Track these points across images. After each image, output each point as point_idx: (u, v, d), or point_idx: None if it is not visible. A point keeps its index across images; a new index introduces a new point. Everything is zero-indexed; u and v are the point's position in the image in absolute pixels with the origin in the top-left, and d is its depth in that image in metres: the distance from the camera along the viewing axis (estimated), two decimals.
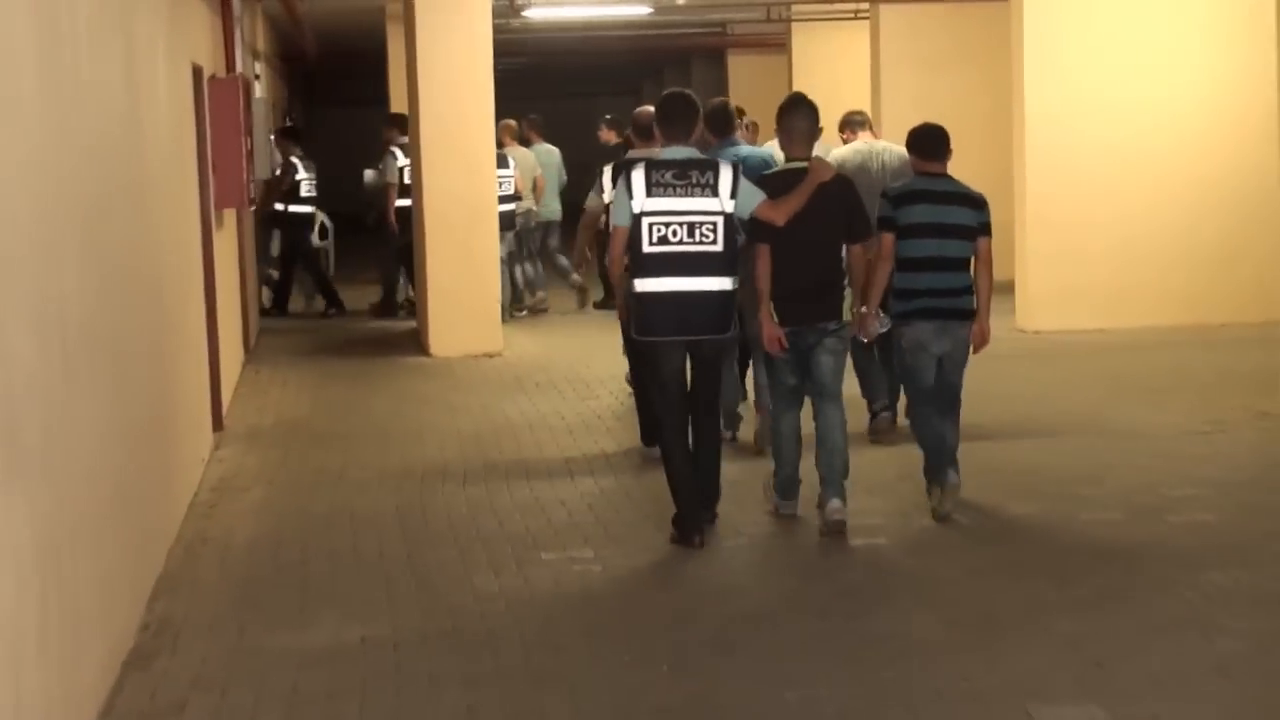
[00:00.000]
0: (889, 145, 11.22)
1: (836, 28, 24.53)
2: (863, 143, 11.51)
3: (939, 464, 8.77)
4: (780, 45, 27.20)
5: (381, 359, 15.44)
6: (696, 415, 8.48)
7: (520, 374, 14.22)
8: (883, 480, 9.59)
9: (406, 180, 18.30)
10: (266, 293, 19.84)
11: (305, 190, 19.85)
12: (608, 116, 19.64)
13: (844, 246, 8.56)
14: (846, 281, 8.58)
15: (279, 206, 19.28)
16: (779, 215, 8.32)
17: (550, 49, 29.74)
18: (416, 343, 16.27)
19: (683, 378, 8.49)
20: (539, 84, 36.74)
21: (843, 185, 8.64)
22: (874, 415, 10.78)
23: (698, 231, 8.18)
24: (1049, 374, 13.49)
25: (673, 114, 8.51)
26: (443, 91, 15.15)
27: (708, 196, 8.18)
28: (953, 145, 8.96)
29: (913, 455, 9.23)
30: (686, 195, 8.17)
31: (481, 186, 15.27)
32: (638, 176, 8.20)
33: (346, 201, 24.92)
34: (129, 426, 7.36)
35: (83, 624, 6.04)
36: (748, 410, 10.87)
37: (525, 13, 19.68)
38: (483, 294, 15.30)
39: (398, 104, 22.14)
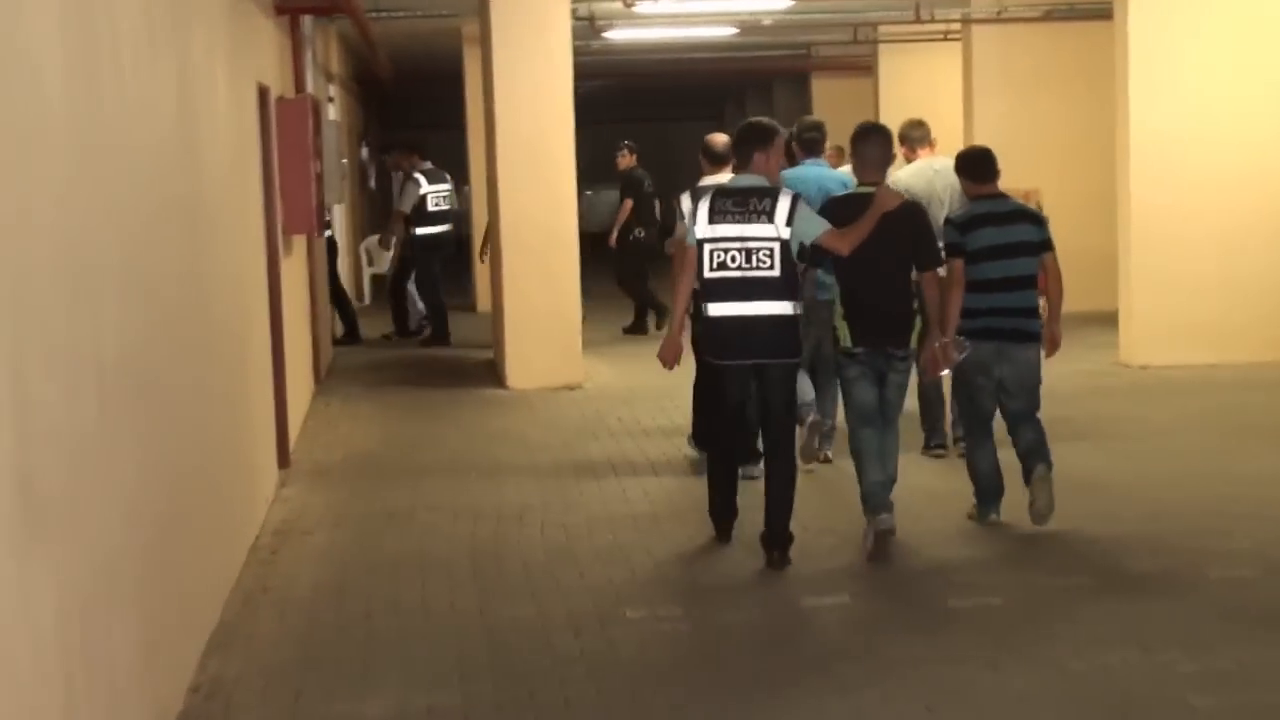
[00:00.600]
0: (950, 163, 10.32)
1: (925, 49, 23.86)
2: (924, 162, 11.13)
3: (989, 501, 9.03)
4: (865, 68, 26.55)
5: (457, 391, 14.85)
6: (768, 452, 8.66)
7: (602, 409, 13.59)
8: (989, 534, 8.94)
9: (432, 207, 17.94)
10: (413, 319, 19.26)
11: (432, 205, 18.81)
12: (626, 142, 19.65)
13: (913, 273, 8.66)
14: (916, 307, 8.68)
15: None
16: (844, 245, 8.41)
17: (629, 71, 29.21)
18: (494, 374, 15.69)
19: (743, 404, 8.69)
20: (617, 107, 36.23)
21: (910, 212, 8.69)
22: (929, 446, 10.94)
23: (754, 257, 8.35)
24: (1162, 414, 12.73)
25: (738, 143, 8.76)
26: (521, 114, 14.59)
27: (763, 223, 8.34)
28: (1049, 167, 8.64)
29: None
30: (744, 221, 8.37)
31: (562, 212, 14.67)
32: (703, 204, 8.49)
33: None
34: (177, 470, 6.77)
35: (120, 691, 5.45)
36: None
37: (605, 34, 19.12)
38: (563, 323, 14.69)
39: (475, 127, 21.63)
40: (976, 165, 9.09)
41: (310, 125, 12.22)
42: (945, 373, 9.01)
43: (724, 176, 9.72)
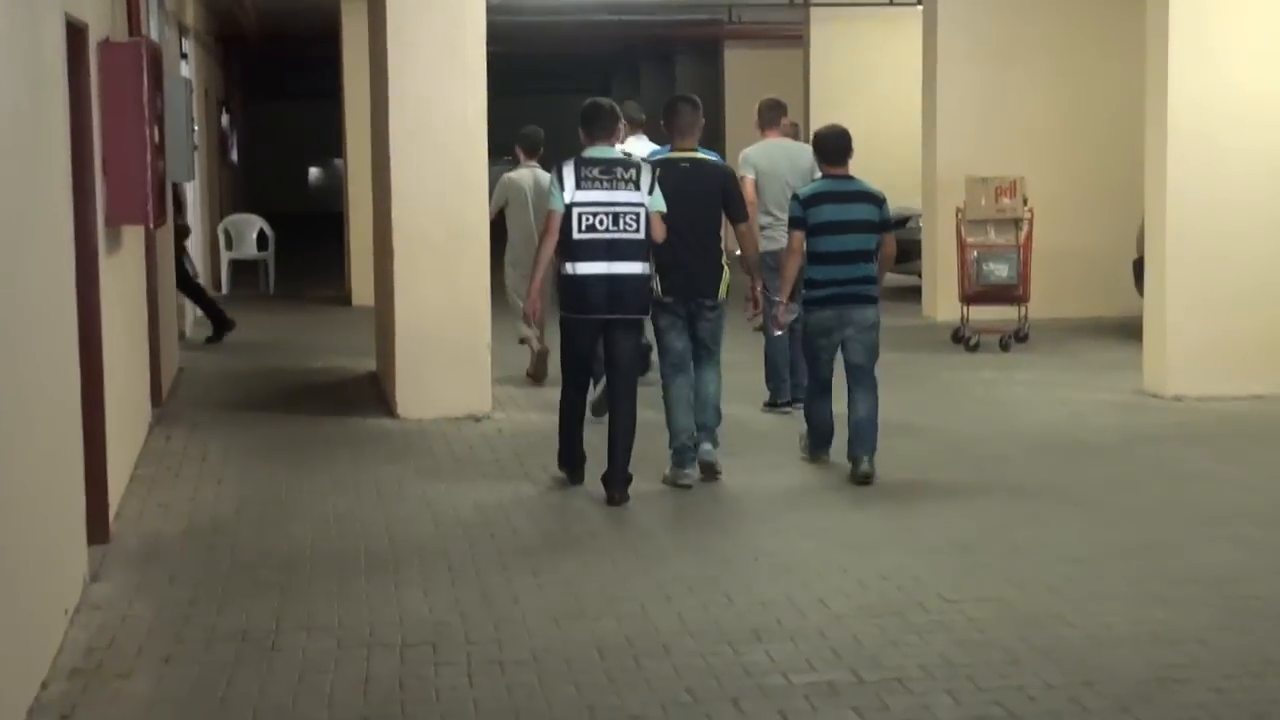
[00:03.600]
0: (794, 145, 12.32)
1: (859, 17, 21.18)
2: (771, 141, 12.16)
3: (822, 446, 10.12)
4: (789, 37, 23.83)
5: (333, 421, 11.82)
6: (613, 400, 9.39)
7: (520, 450, 10.67)
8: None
9: None
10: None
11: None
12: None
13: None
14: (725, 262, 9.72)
15: None
16: (660, 234, 9.26)
17: (514, 35, 26.12)
18: (378, 397, 12.69)
19: (592, 354, 9.48)
20: (499, 79, 33.09)
21: (721, 173, 9.89)
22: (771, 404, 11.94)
23: (621, 220, 9.11)
24: (1222, 461, 10.21)
25: (599, 119, 9.41)
26: (419, 73, 11.61)
27: (630, 190, 9.14)
28: (1027, 153, 10.19)
29: None
30: (611, 188, 9.12)
31: (470, 196, 11.70)
32: (568, 173, 9.13)
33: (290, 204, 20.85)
34: None
35: None
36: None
37: None
38: (468, 337, 11.73)
39: (352, 93, 18.61)
40: (828, 146, 10.02)
41: (146, 80, 9.15)
42: (779, 333, 10.73)
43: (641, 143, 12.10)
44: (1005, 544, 8.20)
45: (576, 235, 9.06)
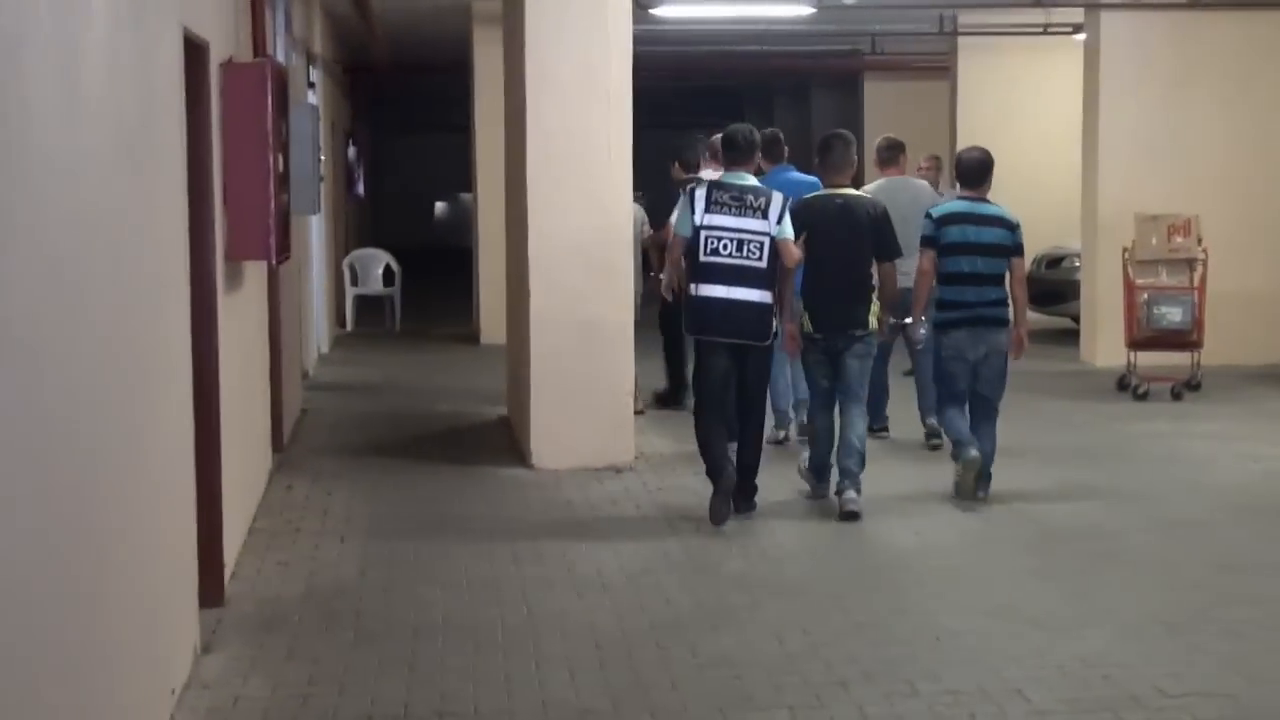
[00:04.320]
0: (913, 182, 12.48)
1: (1010, 47, 20.24)
2: (889, 179, 12.25)
3: (970, 461, 9.69)
4: (932, 69, 22.95)
5: (463, 471, 11.07)
6: (741, 421, 9.57)
7: (666, 501, 9.89)
8: None
9: None
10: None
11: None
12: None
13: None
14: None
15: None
16: (792, 260, 9.34)
17: (640, 67, 25.43)
18: (510, 444, 11.94)
19: (726, 376, 9.43)
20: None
21: (874, 211, 9.76)
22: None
23: (746, 247, 9.21)
24: None
25: (738, 145, 9.54)
26: (563, 103, 10.87)
27: (758, 219, 9.22)
28: (1204, 188, 11.08)
29: None
30: (739, 215, 9.22)
31: (615, 235, 10.94)
32: (699, 196, 9.30)
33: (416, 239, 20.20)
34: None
35: None
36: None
37: (654, 9, 15.40)
38: (609, 383, 10.96)
39: (485, 125, 18.02)
40: (967, 169, 10.03)
41: (271, 103, 8.48)
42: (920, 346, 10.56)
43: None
44: (1220, 626, 7.28)
45: (702, 258, 9.26)
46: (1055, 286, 18.41)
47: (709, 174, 11.35)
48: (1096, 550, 8.74)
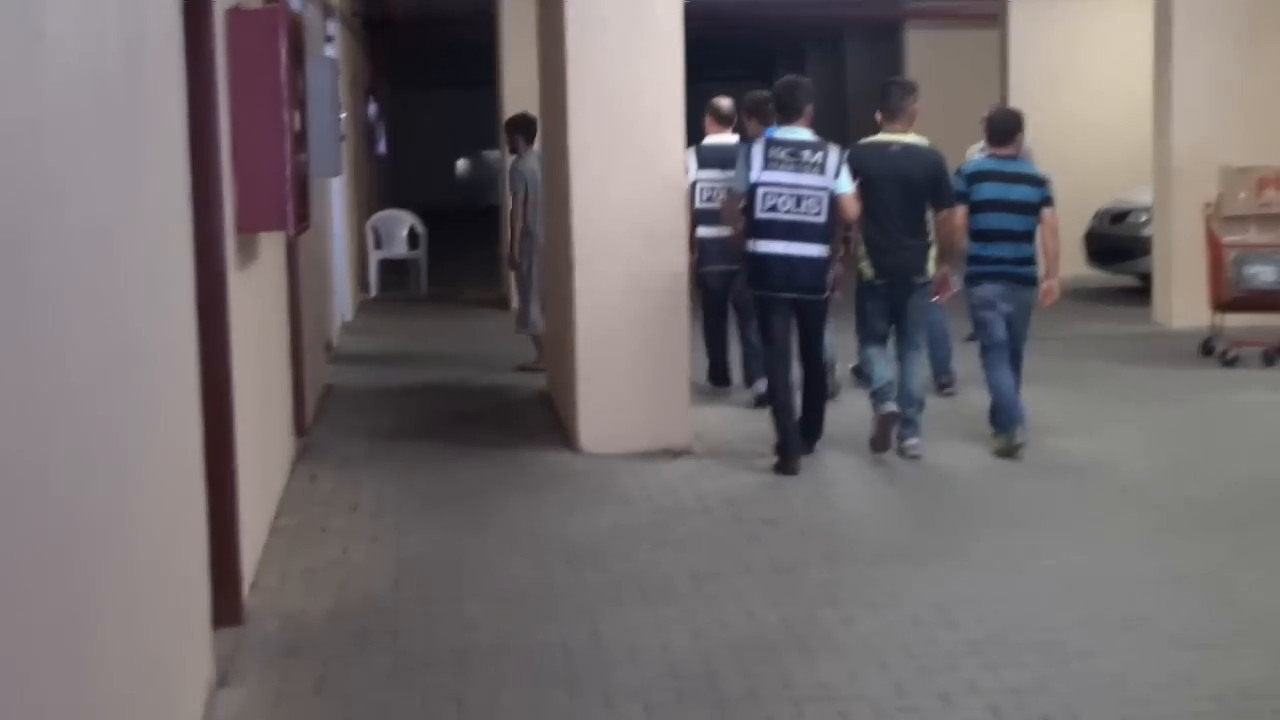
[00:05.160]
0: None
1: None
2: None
3: (1010, 424, 9.61)
4: (976, 17, 21.90)
5: (504, 456, 10.09)
6: (805, 373, 9.63)
7: (731, 491, 8.94)
8: None
9: None
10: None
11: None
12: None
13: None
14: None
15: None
16: (852, 212, 9.38)
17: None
18: (554, 424, 10.98)
19: (787, 332, 9.47)
20: None
21: (931, 159, 9.81)
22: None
23: (804, 203, 9.20)
24: None
25: (789, 98, 9.49)
26: (605, 63, 9.85)
27: (815, 174, 9.22)
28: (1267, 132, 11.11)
29: None
30: (797, 171, 9.21)
31: (667, 197, 9.94)
32: (757, 152, 9.29)
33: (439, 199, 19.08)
34: None
35: None
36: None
37: None
38: (665, 361, 9.98)
39: (513, 84, 17.06)
40: (996, 126, 10.08)
41: (285, 55, 7.49)
42: (937, 299, 9.96)
43: (729, 136, 11.52)
44: None
45: (759, 215, 9.23)
46: (1120, 243, 17.39)
47: (714, 139, 11.64)
48: (1227, 546, 7.74)
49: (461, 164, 40.80)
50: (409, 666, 6.23)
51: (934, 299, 9.92)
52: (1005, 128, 10.06)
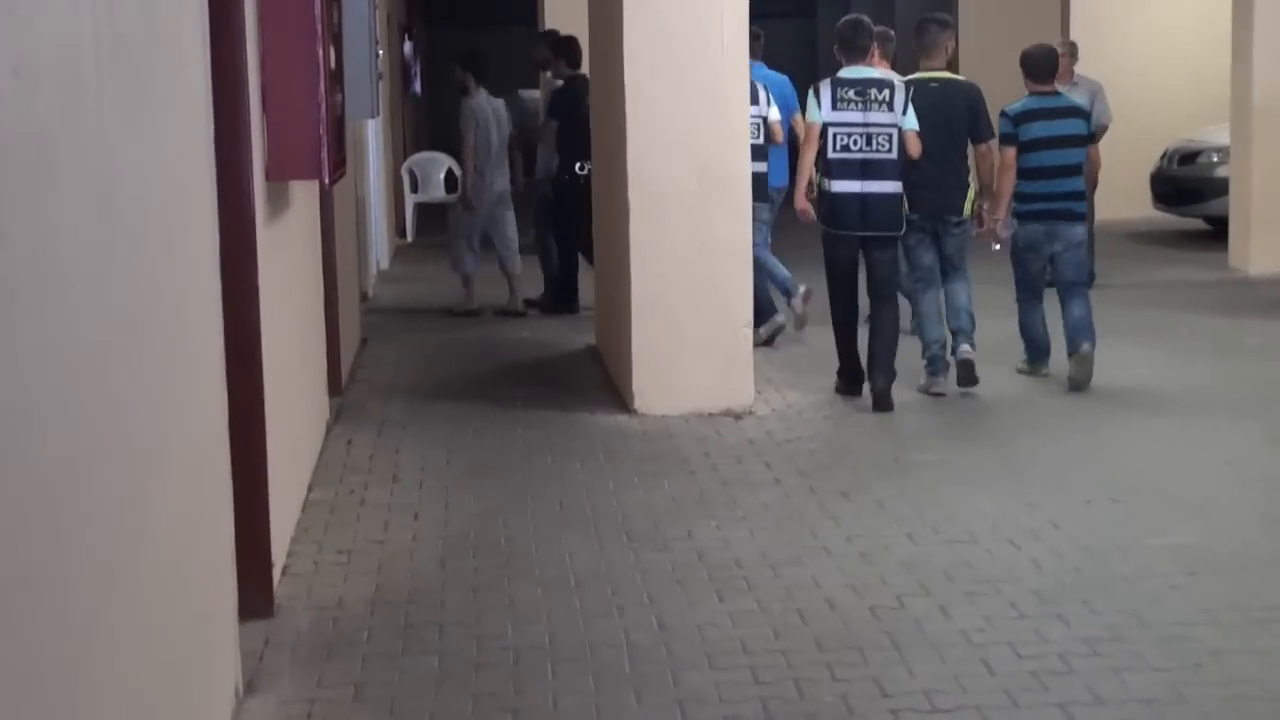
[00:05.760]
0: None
1: None
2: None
3: (1040, 359, 10.08)
4: None
5: (553, 417, 9.42)
6: (874, 310, 9.55)
7: (800, 459, 8.27)
8: None
9: None
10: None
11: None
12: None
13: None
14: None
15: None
16: (917, 150, 9.35)
17: None
18: (604, 381, 10.32)
19: (854, 269, 9.55)
20: None
21: (967, 92, 9.83)
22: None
23: (875, 141, 9.23)
24: None
25: (854, 37, 9.45)
26: None
27: (884, 111, 9.24)
28: None
29: None
30: (865, 109, 9.23)
31: (729, 141, 9.23)
32: (825, 92, 9.31)
33: None
34: None
35: None
36: None
37: None
38: (724, 313, 9.30)
39: (556, 19, 16.33)
40: (1037, 64, 9.98)
41: None
42: (997, 247, 10.02)
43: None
44: None
45: (831, 154, 9.27)
46: (1189, 185, 16.61)
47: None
48: None
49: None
50: (457, 669, 5.58)
51: (975, 235, 9.91)
52: (1047, 64, 10.02)
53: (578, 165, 12.87)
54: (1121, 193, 16.83)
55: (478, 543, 7.02)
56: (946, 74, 9.87)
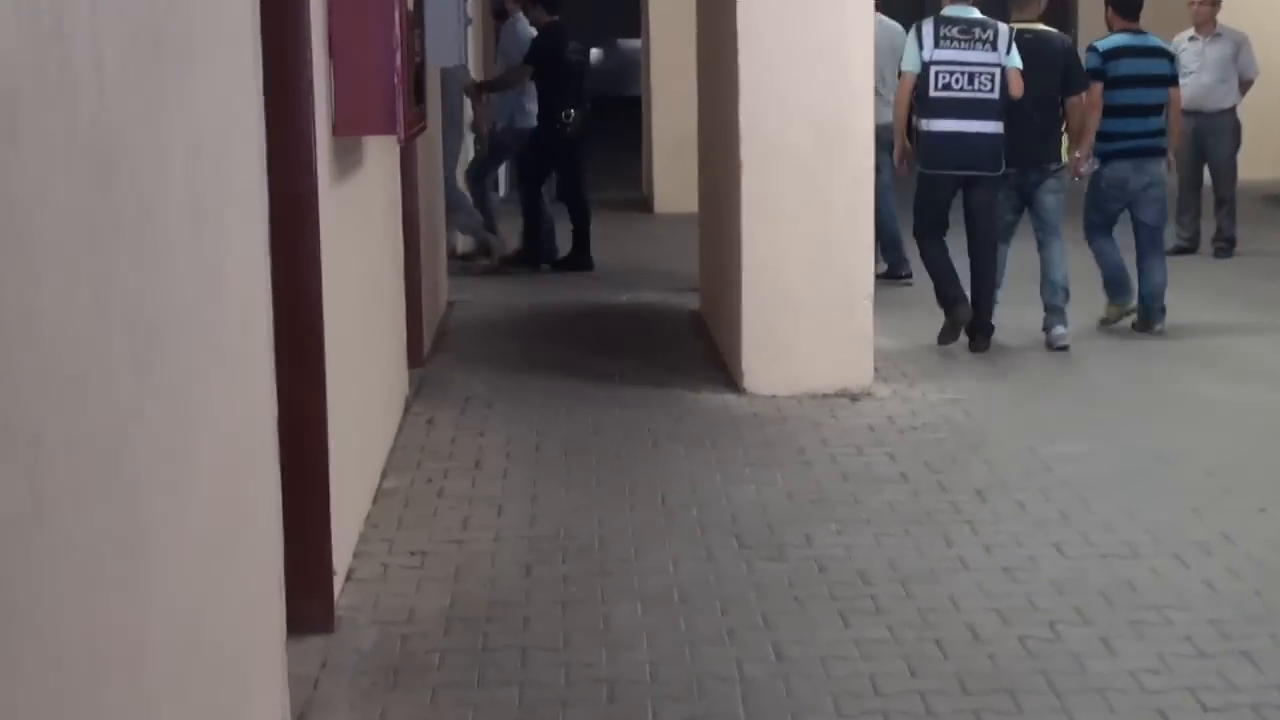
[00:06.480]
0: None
1: None
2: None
3: (1122, 295, 9.93)
4: None
5: (653, 395, 8.61)
6: (974, 252, 9.51)
7: (927, 449, 7.42)
8: None
9: None
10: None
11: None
12: None
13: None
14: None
15: None
16: (1019, 89, 9.27)
17: None
18: (707, 355, 9.51)
19: (948, 206, 9.46)
20: None
21: (1062, 46, 9.78)
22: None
23: (977, 80, 9.19)
24: None
25: None
26: None
27: (987, 51, 9.21)
28: None
29: None
30: (969, 48, 9.20)
31: (850, 94, 8.36)
32: (927, 31, 9.26)
33: None
34: None
35: None
36: None
37: None
38: (843, 284, 8.45)
39: None
40: (1126, 4, 10.02)
41: None
42: (1077, 179, 9.85)
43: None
44: None
45: (933, 93, 9.26)
46: None
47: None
48: None
49: (594, 53, 39.06)
50: (542, 704, 4.80)
51: (1075, 178, 9.84)
52: (1135, 1, 10.02)
53: (563, 114, 12.54)
54: (1265, 154, 15.81)
55: (568, 545, 6.23)
56: (1040, 25, 9.73)
